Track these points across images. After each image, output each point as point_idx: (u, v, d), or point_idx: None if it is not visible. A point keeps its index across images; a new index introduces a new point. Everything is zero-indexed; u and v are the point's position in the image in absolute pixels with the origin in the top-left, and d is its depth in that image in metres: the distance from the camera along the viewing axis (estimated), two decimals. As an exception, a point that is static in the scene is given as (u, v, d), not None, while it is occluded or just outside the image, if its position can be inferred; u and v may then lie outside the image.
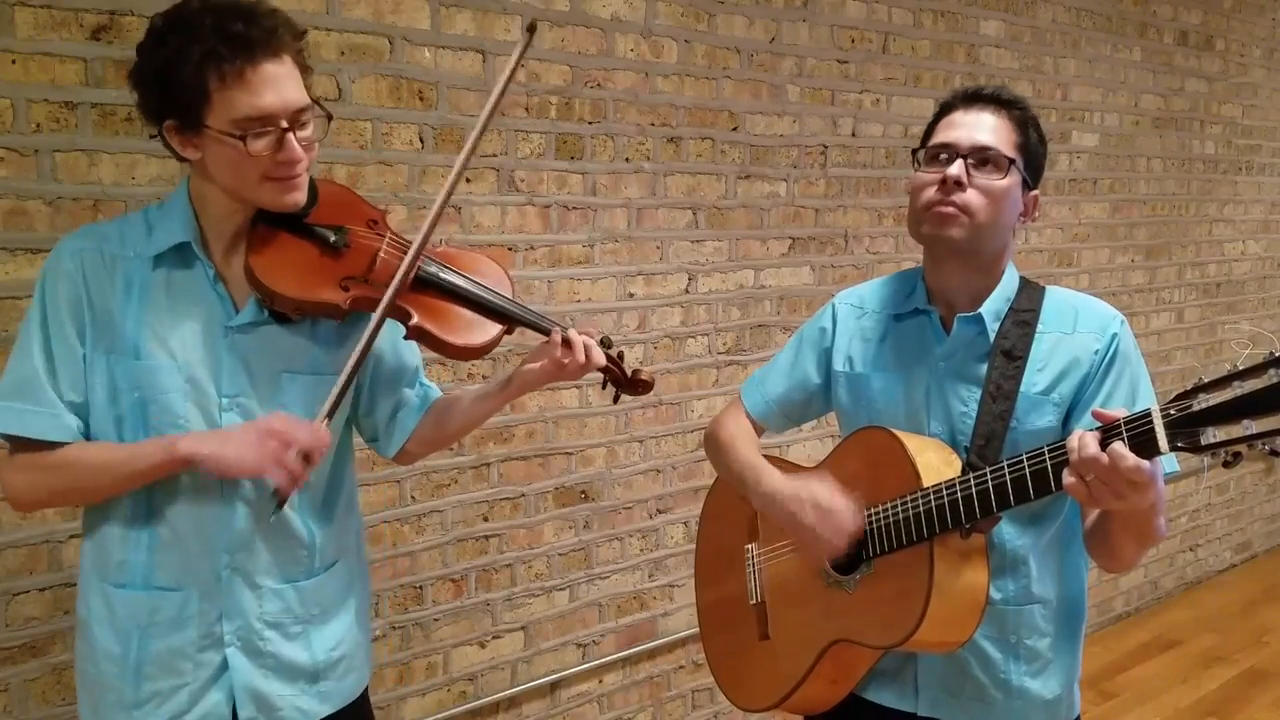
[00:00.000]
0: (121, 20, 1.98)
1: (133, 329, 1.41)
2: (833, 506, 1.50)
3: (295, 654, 1.53)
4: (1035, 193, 1.54)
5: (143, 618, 1.45)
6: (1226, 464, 1.20)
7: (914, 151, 1.56)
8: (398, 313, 1.48)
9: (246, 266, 1.43)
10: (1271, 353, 1.13)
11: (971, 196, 1.46)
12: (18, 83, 1.89)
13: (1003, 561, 1.51)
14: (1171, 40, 4.31)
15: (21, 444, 1.41)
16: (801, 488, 1.54)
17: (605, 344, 1.60)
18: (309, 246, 1.47)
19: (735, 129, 2.96)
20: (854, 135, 3.24)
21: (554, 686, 2.81)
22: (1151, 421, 1.21)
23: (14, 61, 1.88)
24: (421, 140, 2.39)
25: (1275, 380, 1.12)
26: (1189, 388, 1.20)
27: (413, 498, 2.49)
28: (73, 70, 1.94)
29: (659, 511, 2.97)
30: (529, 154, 2.56)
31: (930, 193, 1.49)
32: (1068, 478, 1.28)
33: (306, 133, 1.40)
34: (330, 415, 1.44)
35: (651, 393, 1.73)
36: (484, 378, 2.52)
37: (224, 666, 1.48)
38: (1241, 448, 1.16)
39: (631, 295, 2.81)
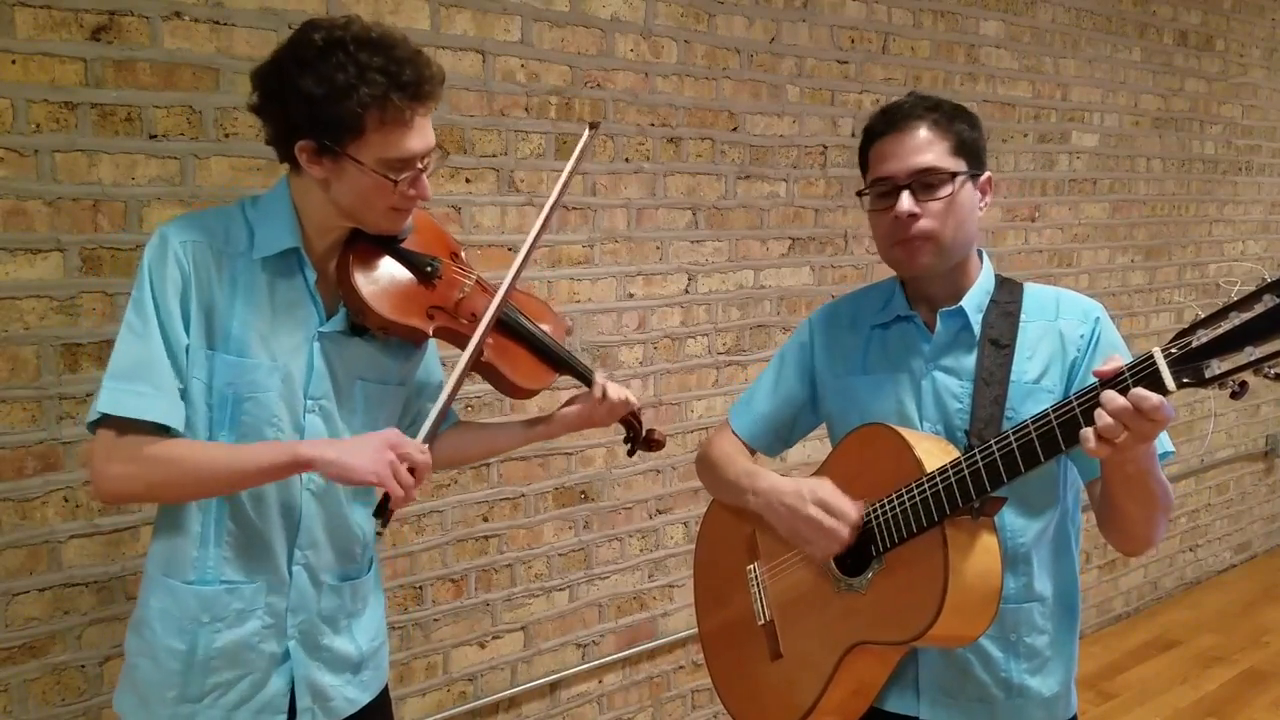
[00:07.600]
0: (121, 20, 1.98)
1: (238, 327, 1.44)
2: (833, 499, 1.50)
3: (344, 646, 1.60)
4: (987, 174, 1.54)
5: (210, 612, 1.48)
6: (1234, 395, 1.18)
7: (859, 194, 1.56)
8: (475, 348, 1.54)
9: (349, 282, 1.49)
10: (1264, 279, 1.13)
11: (927, 223, 1.48)
12: (18, 83, 1.89)
13: (1006, 559, 1.50)
14: (1171, 40, 4.31)
15: (128, 430, 1.39)
16: (801, 483, 1.55)
17: None
18: (406, 272, 1.55)
19: (735, 129, 2.96)
20: (854, 135, 3.24)
21: (554, 686, 2.81)
22: (1155, 363, 1.21)
23: (14, 61, 1.88)
24: (421, 140, 2.39)
25: (1272, 305, 1.12)
26: (1186, 326, 1.19)
27: (412, 498, 2.49)
28: (73, 70, 1.94)
29: (659, 512, 2.97)
30: (529, 154, 2.56)
31: (888, 228, 1.51)
32: (1090, 439, 1.24)
33: (431, 168, 1.47)
34: (429, 440, 1.47)
35: (661, 448, 1.85)
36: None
37: (285, 656, 1.53)
38: (1246, 375, 1.16)
39: (631, 295, 2.81)
